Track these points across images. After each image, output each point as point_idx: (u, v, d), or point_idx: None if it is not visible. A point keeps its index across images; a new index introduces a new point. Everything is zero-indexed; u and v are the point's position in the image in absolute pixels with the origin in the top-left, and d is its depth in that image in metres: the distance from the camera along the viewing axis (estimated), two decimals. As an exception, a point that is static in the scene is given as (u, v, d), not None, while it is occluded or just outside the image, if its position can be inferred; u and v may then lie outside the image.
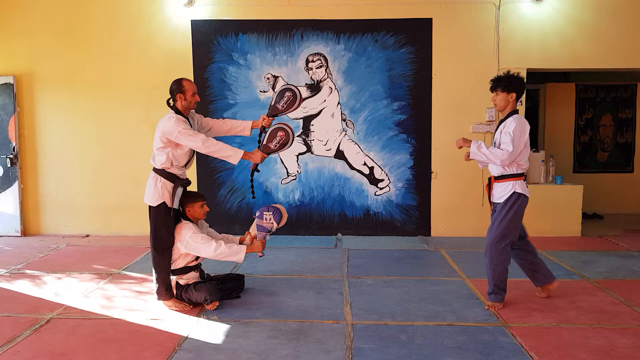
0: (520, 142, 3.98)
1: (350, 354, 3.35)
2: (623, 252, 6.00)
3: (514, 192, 4.04)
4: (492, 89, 4.17)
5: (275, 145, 4.22)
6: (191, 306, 4.21)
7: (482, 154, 4.05)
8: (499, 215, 4.09)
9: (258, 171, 4.41)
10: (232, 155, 4.12)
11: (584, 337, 3.60)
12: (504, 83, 4.08)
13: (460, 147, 4.22)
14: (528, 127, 4.04)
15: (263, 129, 4.33)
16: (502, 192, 4.09)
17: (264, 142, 4.25)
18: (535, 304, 4.28)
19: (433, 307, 4.19)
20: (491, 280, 4.17)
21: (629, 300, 4.35)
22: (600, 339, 3.58)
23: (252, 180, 4.52)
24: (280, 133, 4.20)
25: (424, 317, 3.99)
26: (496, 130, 4.19)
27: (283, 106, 4.27)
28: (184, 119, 4.14)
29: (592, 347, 3.45)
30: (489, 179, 4.25)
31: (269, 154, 4.25)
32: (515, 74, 4.13)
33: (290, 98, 4.25)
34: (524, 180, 4.11)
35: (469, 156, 4.17)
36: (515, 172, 4.06)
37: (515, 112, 4.11)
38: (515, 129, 3.96)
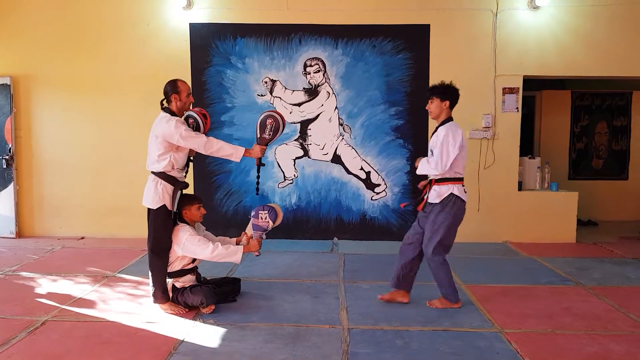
0: (448, 152, 4.06)
1: (346, 359, 3.35)
2: (618, 259, 6.03)
3: (451, 193, 4.13)
4: (428, 97, 4.29)
5: (269, 134, 4.24)
6: (187, 309, 4.20)
7: (425, 170, 4.20)
8: (435, 219, 4.16)
9: (263, 165, 4.45)
10: (233, 153, 4.15)
11: (578, 344, 3.62)
12: (440, 91, 4.22)
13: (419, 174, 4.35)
14: (459, 134, 4.11)
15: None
16: (437, 192, 4.18)
17: (258, 135, 4.28)
18: (530, 309, 4.29)
19: (429, 313, 4.20)
20: (438, 283, 4.30)
21: (623, 306, 4.37)
22: (595, 345, 3.60)
23: (258, 177, 4.50)
24: (269, 120, 4.23)
25: (420, 322, 4.00)
26: (430, 139, 4.32)
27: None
28: (182, 120, 4.14)
29: (586, 353, 3.47)
30: (430, 181, 4.31)
31: (266, 144, 4.28)
32: (450, 83, 4.29)
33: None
34: (463, 186, 4.22)
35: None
36: (452, 177, 4.16)
37: (448, 120, 4.22)
38: (445, 137, 4.07)
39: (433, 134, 4.26)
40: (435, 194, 4.18)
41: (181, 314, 4.15)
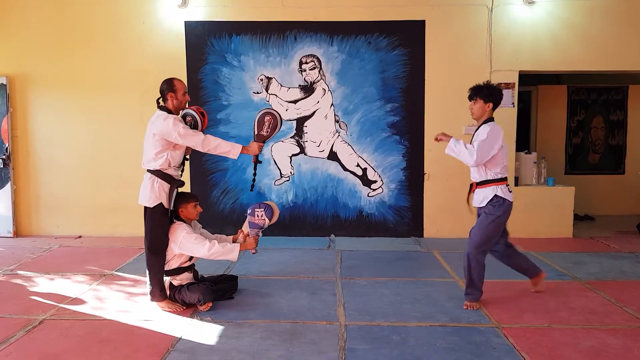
0: (489, 146, 4.02)
1: (343, 355, 3.36)
2: (614, 253, 6.05)
3: (495, 195, 4.10)
4: (471, 98, 4.23)
5: (267, 131, 4.26)
6: (184, 307, 4.21)
7: (457, 150, 4.12)
8: (483, 219, 4.15)
9: (260, 162, 4.46)
10: (231, 150, 4.17)
11: (575, 338, 3.63)
12: (484, 92, 4.15)
13: (439, 141, 4.30)
14: (501, 134, 4.09)
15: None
16: (482, 196, 4.16)
17: (256, 132, 4.29)
18: (526, 304, 4.31)
19: (425, 308, 4.21)
20: (469, 281, 4.24)
21: (619, 300, 4.38)
22: (592, 339, 3.61)
23: (255, 174, 4.49)
24: (267, 117, 4.25)
25: (417, 317, 4.01)
26: (472, 137, 4.26)
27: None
28: (179, 117, 4.14)
29: (583, 347, 3.48)
30: (471, 185, 4.30)
31: (264, 141, 4.30)
32: (496, 85, 4.24)
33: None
34: (507, 186, 4.16)
35: (439, 140, 4.28)
36: (494, 178, 4.12)
37: (490, 119, 4.20)
38: (488, 135, 4.03)
39: (475, 132, 4.22)
40: (481, 198, 4.17)
41: (178, 311, 4.16)
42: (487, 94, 4.15)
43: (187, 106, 4.30)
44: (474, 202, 4.25)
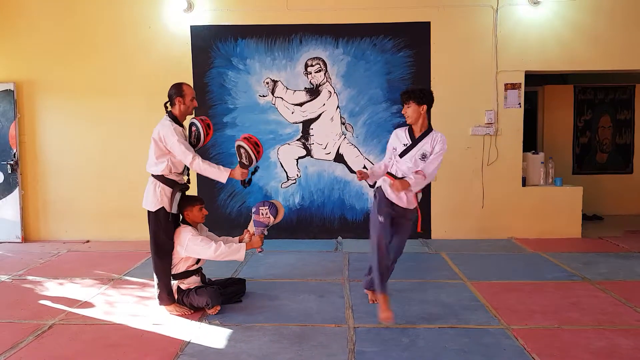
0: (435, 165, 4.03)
1: (352, 357, 3.36)
2: (623, 253, 6.01)
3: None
4: (404, 101, 4.10)
5: (246, 160, 4.20)
6: (192, 311, 4.21)
7: (419, 187, 4.03)
8: (407, 223, 4.23)
9: (249, 183, 4.40)
10: (219, 175, 4.15)
11: (586, 339, 3.61)
12: (417, 95, 4.03)
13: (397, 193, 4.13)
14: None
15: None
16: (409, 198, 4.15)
17: (239, 160, 4.26)
18: (536, 305, 4.28)
19: (434, 310, 4.20)
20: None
21: (630, 301, 4.35)
22: (602, 340, 3.59)
23: (245, 183, 4.43)
24: (241, 151, 4.19)
25: (426, 320, 4.00)
26: (414, 143, 4.07)
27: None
28: (180, 129, 4.15)
29: (594, 348, 3.46)
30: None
31: (247, 168, 4.25)
32: (426, 88, 4.17)
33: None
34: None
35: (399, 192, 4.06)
36: None
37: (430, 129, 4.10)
38: (441, 151, 4.03)
39: (416, 139, 4.08)
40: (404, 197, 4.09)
41: (187, 315, 4.16)
42: (419, 96, 4.02)
43: (193, 113, 4.30)
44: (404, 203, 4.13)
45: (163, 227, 4.14)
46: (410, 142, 4.07)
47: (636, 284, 4.86)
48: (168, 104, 4.21)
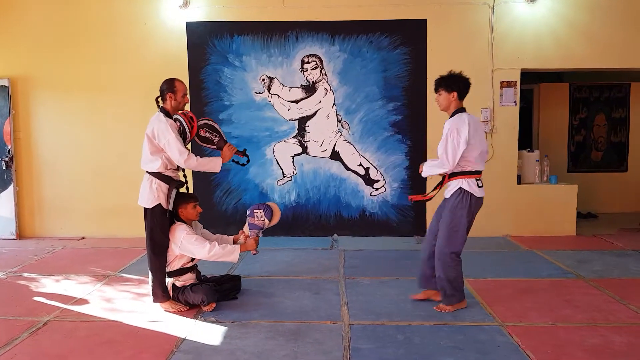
0: (454, 145, 3.86)
1: (348, 354, 3.36)
2: (618, 251, 6.04)
3: (460, 187, 3.95)
4: (436, 90, 4.12)
5: (215, 136, 4.31)
6: (187, 307, 4.21)
7: (432, 170, 4.02)
8: (445, 214, 4.03)
9: (244, 164, 4.55)
10: (214, 165, 4.24)
11: (580, 336, 3.63)
12: (446, 82, 4.05)
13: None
14: (465, 127, 3.87)
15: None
16: (448, 188, 4.06)
17: (215, 146, 4.35)
18: (531, 302, 4.30)
19: (430, 307, 4.20)
20: (446, 285, 4.06)
21: (624, 298, 4.38)
22: (596, 337, 3.60)
23: (243, 160, 4.55)
24: (201, 131, 4.27)
25: (421, 317, 4.01)
26: None
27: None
28: (175, 124, 4.12)
29: (588, 345, 3.48)
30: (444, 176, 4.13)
31: (225, 141, 4.35)
32: (459, 73, 4.09)
33: (179, 128, 4.17)
34: (478, 180, 3.99)
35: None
36: (462, 170, 3.96)
37: (458, 111, 4.04)
38: (450, 132, 3.89)
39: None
40: (447, 189, 4.06)
41: (181, 312, 4.16)
42: (448, 83, 4.04)
43: (184, 108, 4.29)
44: (445, 194, 4.11)
45: (159, 224, 4.13)
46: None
47: (630, 281, 4.88)
48: (159, 99, 4.19)
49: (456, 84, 4.03)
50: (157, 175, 4.12)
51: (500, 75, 6.72)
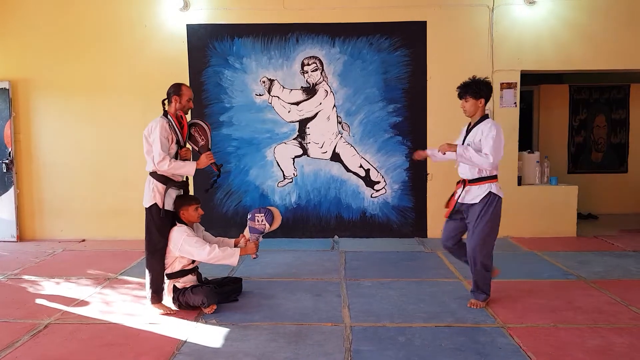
0: (500, 146, 4.04)
1: (349, 356, 3.36)
2: (618, 252, 6.04)
3: (490, 192, 4.09)
4: (461, 96, 4.19)
5: (202, 139, 4.28)
6: (174, 311, 4.20)
7: (468, 157, 4.04)
8: (477, 219, 4.11)
9: (218, 175, 4.52)
10: (188, 169, 4.20)
11: (581, 337, 3.62)
12: (473, 89, 4.12)
13: (444, 153, 4.19)
14: (502, 132, 4.10)
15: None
16: (475, 193, 4.12)
17: (197, 148, 4.33)
18: (532, 304, 4.30)
19: (431, 309, 4.21)
20: (474, 283, 4.26)
21: (625, 299, 4.37)
22: (598, 338, 3.60)
23: (215, 177, 4.57)
24: (192, 130, 4.27)
25: (422, 318, 4.01)
26: (467, 133, 4.21)
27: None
28: (167, 127, 4.12)
29: (589, 346, 3.48)
30: (463, 182, 4.21)
31: (209, 149, 4.31)
32: (484, 79, 4.17)
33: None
34: (497, 183, 4.18)
35: (445, 152, 4.15)
36: (490, 175, 4.12)
37: (487, 116, 4.19)
38: (497, 135, 4.01)
39: (469, 129, 4.20)
40: (473, 195, 4.12)
41: (171, 313, 4.16)
42: (476, 90, 4.12)
43: (188, 112, 4.33)
44: (464, 199, 4.17)
45: (155, 223, 4.13)
46: (466, 132, 4.23)
47: (631, 282, 4.88)
48: (165, 102, 4.23)
49: (484, 91, 4.14)
50: (154, 174, 4.16)
51: (500, 76, 6.72)
